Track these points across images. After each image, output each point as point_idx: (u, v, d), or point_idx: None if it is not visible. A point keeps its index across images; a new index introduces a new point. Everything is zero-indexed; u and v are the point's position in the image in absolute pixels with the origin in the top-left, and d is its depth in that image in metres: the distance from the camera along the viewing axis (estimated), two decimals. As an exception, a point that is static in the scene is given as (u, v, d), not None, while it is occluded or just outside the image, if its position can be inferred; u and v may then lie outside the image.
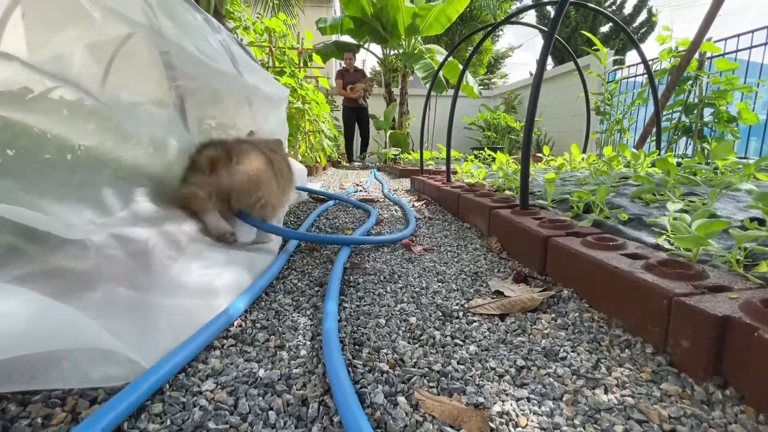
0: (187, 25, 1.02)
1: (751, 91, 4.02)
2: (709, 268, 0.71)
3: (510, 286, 0.89)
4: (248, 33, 4.02)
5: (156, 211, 0.88)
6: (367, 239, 1.12)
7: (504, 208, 1.33)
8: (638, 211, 1.10)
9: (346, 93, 6.35)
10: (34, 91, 0.59)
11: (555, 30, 1.21)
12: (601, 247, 0.84)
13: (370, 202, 2.08)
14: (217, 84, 1.17)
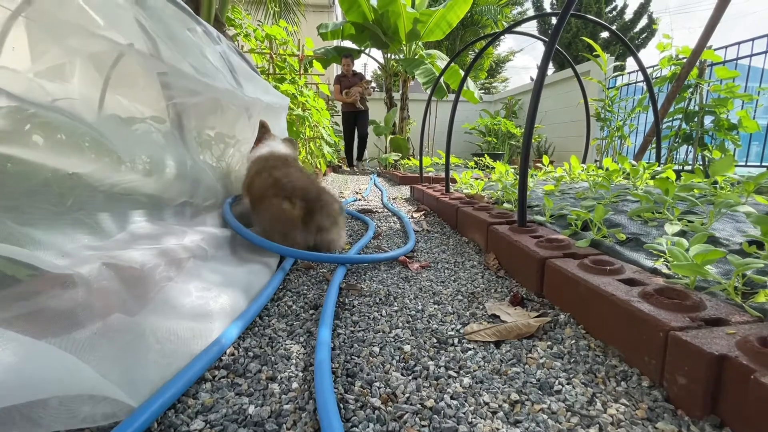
0: (185, 43, 1.02)
1: (751, 100, 4.02)
2: (706, 296, 0.70)
3: (506, 309, 0.89)
4: (249, 40, 4.03)
5: (155, 228, 0.87)
6: (363, 258, 1.12)
7: (502, 224, 1.32)
8: (636, 230, 1.10)
9: (342, 98, 6.32)
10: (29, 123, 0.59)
11: (555, 40, 1.21)
12: (598, 271, 0.83)
13: (368, 213, 2.08)
14: (215, 101, 1.17)
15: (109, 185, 0.71)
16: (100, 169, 0.67)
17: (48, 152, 0.57)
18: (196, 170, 1.12)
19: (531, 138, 1.13)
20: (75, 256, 0.56)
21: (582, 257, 0.96)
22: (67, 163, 0.61)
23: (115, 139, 0.69)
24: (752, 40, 4.39)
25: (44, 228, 0.58)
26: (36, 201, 0.59)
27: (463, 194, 2.15)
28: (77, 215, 0.64)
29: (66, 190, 0.62)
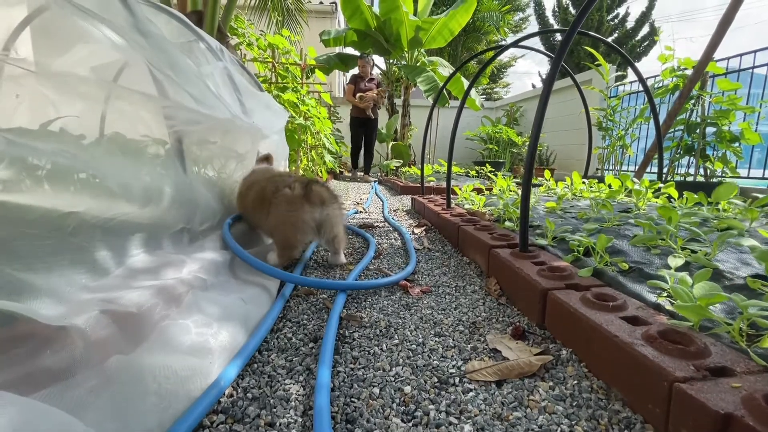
0: (186, 72, 1.02)
1: (753, 112, 4.02)
2: (710, 340, 0.69)
3: (508, 342, 0.88)
4: (252, 49, 4.05)
5: (153, 260, 0.87)
6: (364, 284, 1.11)
7: (503, 247, 1.31)
8: (639, 258, 1.09)
9: (355, 101, 6.01)
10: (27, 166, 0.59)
11: (561, 58, 1.21)
12: (601, 307, 0.82)
13: (369, 229, 2.07)
14: (215, 130, 1.17)
15: (106, 219, 0.71)
16: (97, 206, 0.67)
17: (44, 194, 0.57)
18: (194, 195, 1.12)
19: (533, 163, 1.12)
20: (72, 302, 0.56)
21: (584, 289, 0.95)
22: (64, 202, 0.60)
23: (113, 175, 0.69)
24: (754, 52, 4.39)
25: (42, 271, 0.57)
26: (34, 244, 0.58)
27: (464, 210, 2.14)
28: (75, 255, 0.64)
29: (64, 229, 0.62)
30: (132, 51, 0.73)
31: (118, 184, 0.70)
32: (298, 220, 1.17)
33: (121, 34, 0.72)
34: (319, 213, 1.20)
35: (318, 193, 1.22)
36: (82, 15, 0.63)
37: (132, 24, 0.95)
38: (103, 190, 0.66)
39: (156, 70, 0.80)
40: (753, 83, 4.42)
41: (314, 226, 1.21)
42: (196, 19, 2.83)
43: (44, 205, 0.57)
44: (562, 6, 13.98)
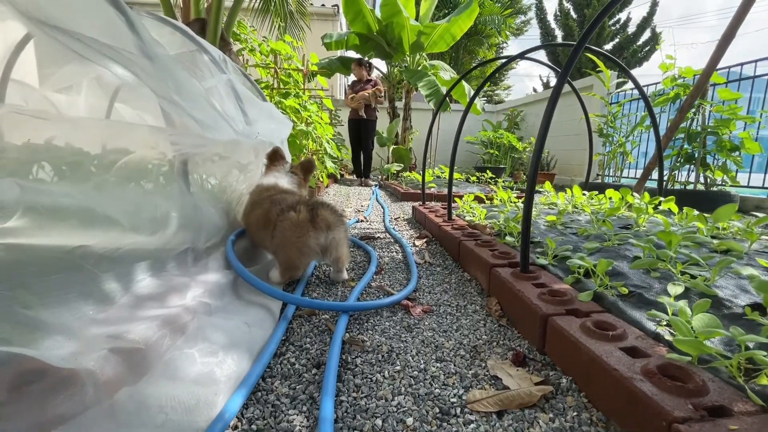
0: (191, 93, 1.03)
1: (754, 122, 4.04)
2: (708, 375, 0.70)
3: (508, 369, 0.89)
4: (254, 54, 4.06)
5: (157, 285, 0.88)
6: (366, 305, 1.12)
7: (504, 266, 1.32)
8: (639, 281, 1.10)
9: (349, 102, 6.10)
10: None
11: (568, 72, 1.21)
12: (600, 337, 0.83)
13: (370, 241, 2.08)
14: (219, 150, 1.18)
15: (114, 249, 0.72)
16: (105, 239, 0.68)
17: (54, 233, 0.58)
18: (199, 214, 1.13)
19: (534, 187, 1.13)
20: (81, 338, 0.57)
21: (585, 315, 0.96)
22: (72, 239, 0.61)
23: (120, 207, 0.70)
24: (755, 62, 4.41)
25: (52, 306, 0.58)
26: (43, 279, 0.59)
27: (465, 222, 2.15)
28: (83, 287, 0.65)
29: (72, 262, 0.63)
30: (141, 86, 0.74)
31: (126, 216, 0.71)
32: (304, 245, 1.18)
33: (129, 66, 0.73)
34: (324, 238, 1.21)
35: (324, 218, 1.21)
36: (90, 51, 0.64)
37: (139, 47, 0.96)
38: (111, 224, 0.67)
39: (163, 100, 0.81)
40: (755, 87, 4.43)
41: (319, 250, 1.22)
42: (200, 27, 2.85)
43: (54, 243, 0.58)
44: (564, 11, 14.03)
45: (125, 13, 0.98)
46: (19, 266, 0.54)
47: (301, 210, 1.19)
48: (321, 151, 4.57)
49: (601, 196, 2.40)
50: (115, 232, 0.69)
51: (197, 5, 2.80)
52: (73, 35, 0.61)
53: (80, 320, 0.61)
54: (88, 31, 0.81)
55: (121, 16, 0.96)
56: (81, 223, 0.60)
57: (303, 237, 1.17)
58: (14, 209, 0.48)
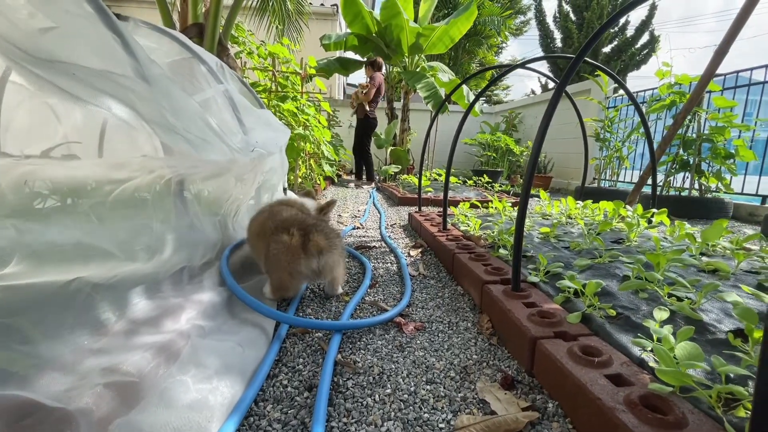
0: (188, 112, 1.04)
1: (748, 129, 4.07)
2: (689, 406, 0.72)
3: (497, 392, 0.91)
4: (252, 57, 4.06)
5: (152, 308, 0.89)
6: (358, 324, 1.13)
7: (496, 283, 1.34)
8: (627, 303, 1.12)
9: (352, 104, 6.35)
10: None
11: (566, 83, 1.22)
12: (586, 363, 0.85)
13: (366, 250, 2.10)
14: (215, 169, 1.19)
15: (109, 278, 0.73)
16: (101, 269, 0.69)
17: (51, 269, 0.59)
18: (195, 232, 1.14)
19: (525, 213, 1.15)
20: (76, 372, 0.58)
21: (572, 338, 0.98)
22: (68, 272, 0.63)
23: (117, 237, 0.71)
24: (750, 70, 4.44)
25: (47, 340, 0.60)
26: (39, 313, 0.60)
27: (460, 232, 2.17)
28: (77, 317, 0.66)
29: (68, 294, 0.64)
30: (137, 119, 0.75)
31: (122, 246, 0.72)
32: (294, 270, 1.19)
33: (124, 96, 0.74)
34: (317, 263, 1.21)
35: (316, 243, 1.20)
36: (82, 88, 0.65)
37: (134, 69, 0.96)
38: (107, 256, 0.69)
39: (159, 127, 0.81)
40: (750, 91, 4.45)
41: (310, 273, 1.23)
42: (197, 31, 2.84)
43: (49, 279, 0.59)
44: (563, 13, 14.03)
45: (121, 34, 0.98)
46: (15, 303, 0.55)
47: (294, 234, 1.19)
48: (319, 153, 4.58)
49: (595, 206, 2.43)
50: (111, 263, 0.70)
51: (195, 10, 2.79)
52: (66, 70, 0.62)
53: (75, 352, 0.62)
54: (83, 57, 0.82)
55: (116, 38, 0.97)
56: (77, 258, 0.61)
57: (293, 263, 1.18)
58: (11, 254, 0.49)
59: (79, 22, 0.90)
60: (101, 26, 0.95)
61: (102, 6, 0.98)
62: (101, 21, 0.96)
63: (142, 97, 0.85)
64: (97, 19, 0.95)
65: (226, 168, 1.23)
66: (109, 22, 0.97)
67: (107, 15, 0.98)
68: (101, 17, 0.96)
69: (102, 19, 0.96)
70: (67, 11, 0.86)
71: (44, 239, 0.55)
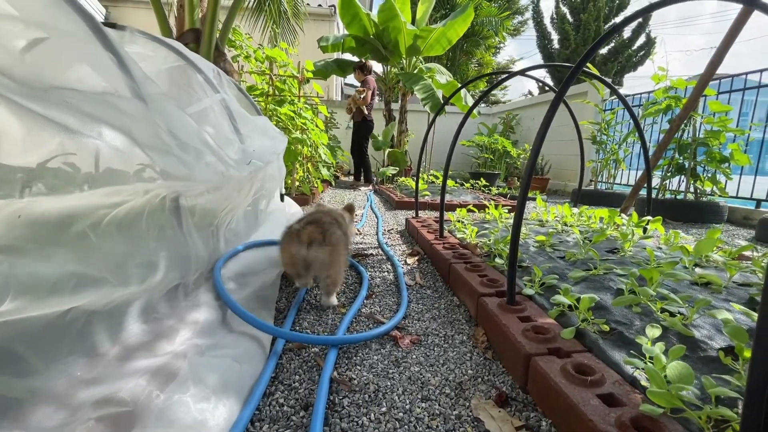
0: (184, 127, 1.04)
1: (743, 134, 4.10)
2: (679, 428, 0.73)
3: (491, 410, 0.92)
4: (249, 60, 4.05)
5: (148, 331, 0.89)
6: (354, 338, 1.14)
7: (492, 296, 1.35)
8: (621, 317, 1.13)
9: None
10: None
11: (564, 93, 1.23)
12: (579, 382, 0.86)
13: (363, 259, 2.11)
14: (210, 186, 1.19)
15: (105, 304, 0.73)
16: (96, 297, 0.69)
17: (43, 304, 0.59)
18: (190, 248, 1.14)
19: (519, 231, 1.15)
20: (70, 405, 0.58)
21: (566, 355, 0.99)
22: (61, 305, 0.63)
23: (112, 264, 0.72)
24: (745, 74, 4.48)
25: (41, 372, 0.60)
26: (33, 345, 0.61)
27: (456, 239, 2.18)
28: (72, 345, 0.66)
29: (62, 326, 0.64)
30: (132, 145, 0.76)
31: (117, 271, 0.72)
32: (286, 251, 1.37)
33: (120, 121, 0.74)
34: (305, 251, 1.32)
35: (308, 233, 1.33)
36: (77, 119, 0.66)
37: (131, 88, 0.97)
38: (102, 283, 0.69)
39: (157, 154, 0.81)
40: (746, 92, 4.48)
41: (300, 262, 1.34)
42: (194, 37, 2.84)
43: (44, 312, 0.60)
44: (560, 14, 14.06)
45: (117, 53, 0.99)
46: (9, 335, 0.56)
47: (300, 225, 1.38)
48: (316, 156, 4.58)
49: (591, 211, 2.45)
50: (106, 289, 0.70)
51: (192, 16, 2.79)
52: (59, 98, 0.62)
53: (69, 383, 0.63)
54: (79, 80, 0.82)
55: (113, 57, 0.97)
56: (71, 289, 0.61)
57: (288, 245, 1.35)
58: (6, 290, 0.50)
59: (75, 43, 0.90)
60: (98, 47, 0.95)
61: (98, 26, 0.98)
62: (98, 41, 0.96)
63: (137, 120, 0.85)
64: (94, 39, 0.95)
65: (223, 184, 1.24)
66: (105, 42, 0.97)
67: (103, 35, 0.98)
68: (98, 37, 0.96)
69: (99, 39, 0.96)
70: (63, 32, 0.87)
71: (38, 273, 0.55)
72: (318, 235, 1.33)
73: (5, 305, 0.50)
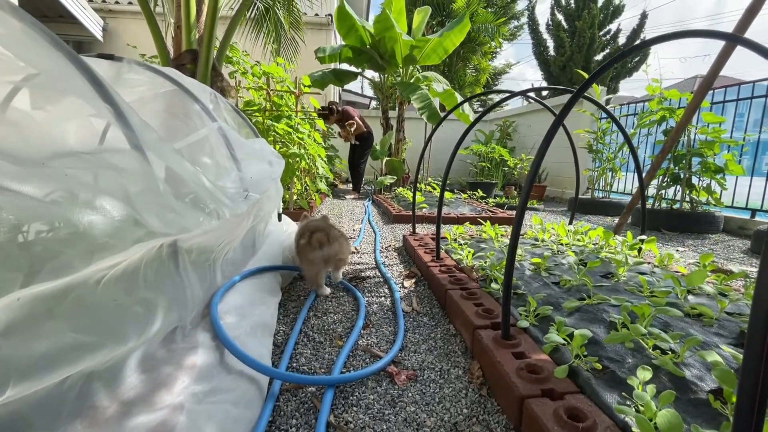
0: (185, 176, 1.06)
1: (737, 145, 4.14)
2: (668, 481, 0.75)
3: (485, 455, 0.93)
4: (247, 76, 4.08)
5: (146, 383, 0.90)
6: (351, 377, 1.15)
7: (487, 328, 1.37)
8: (613, 354, 1.15)
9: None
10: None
11: (563, 118, 1.24)
12: (571, 428, 0.87)
13: (360, 282, 2.12)
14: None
15: (102, 364, 0.74)
16: (93, 363, 0.70)
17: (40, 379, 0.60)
18: (187, 289, 1.15)
19: (515, 255, 1.17)
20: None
21: (559, 396, 1.01)
22: (60, 375, 0.64)
23: (107, 328, 0.73)
24: (738, 85, 4.52)
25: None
26: (37, 408, 0.62)
27: (453, 261, 2.20)
28: (71, 408, 0.68)
29: (62, 393, 0.66)
30: (129, 207, 0.77)
31: (114, 332, 0.73)
32: (306, 260, 1.82)
33: (118, 190, 0.76)
34: (320, 252, 1.79)
35: (317, 239, 1.79)
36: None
37: (128, 138, 0.98)
38: (99, 346, 0.70)
39: (154, 217, 0.83)
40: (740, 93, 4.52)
41: (319, 261, 1.80)
42: (191, 58, 2.86)
43: (44, 386, 0.61)
44: (556, 22, 14.17)
45: (115, 104, 1.00)
46: (14, 412, 0.57)
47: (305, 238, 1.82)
48: (314, 170, 4.60)
49: (587, 227, 2.46)
50: (104, 351, 0.71)
51: (189, 37, 2.81)
52: (55, 173, 0.64)
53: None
54: (77, 138, 0.84)
55: (110, 108, 0.99)
56: (68, 360, 0.63)
57: (306, 254, 1.81)
58: (6, 378, 0.51)
59: (74, 99, 0.92)
60: (96, 98, 0.97)
61: (97, 78, 0.99)
62: (96, 93, 0.98)
63: (135, 175, 0.87)
64: (92, 91, 0.97)
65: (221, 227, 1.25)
66: (103, 94, 0.99)
67: (102, 87, 0.99)
68: (96, 90, 0.98)
69: (97, 92, 0.98)
70: (62, 90, 0.88)
71: (36, 353, 0.56)
72: (324, 237, 1.80)
73: (7, 393, 0.51)
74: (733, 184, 4.42)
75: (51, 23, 8.60)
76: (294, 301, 1.83)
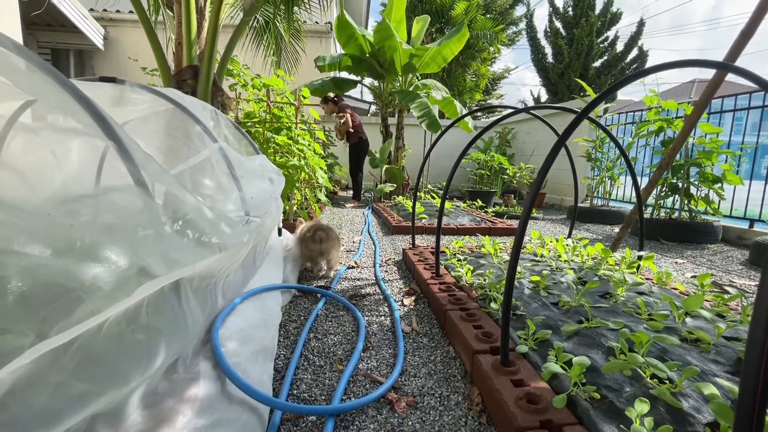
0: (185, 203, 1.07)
1: (735, 156, 4.16)
2: None
3: (485, 489, 0.93)
4: (247, 88, 4.11)
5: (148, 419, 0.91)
6: (350, 406, 1.16)
7: (486, 353, 1.38)
8: (611, 382, 1.16)
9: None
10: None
11: (567, 137, 1.25)
12: (570, 465, 0.88)
13: (359, 300, 2.13)
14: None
15: (105, 405, 0.75)
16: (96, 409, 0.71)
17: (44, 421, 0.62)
18: (187, 320, 1.16)
19: (520, 247, 1.18)
20: None
21: (557, 429, 1.02)
22: (66, 424, 0.65)
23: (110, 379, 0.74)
24: (735, 96, 4.55)
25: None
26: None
27: (453, 278, 2.21)
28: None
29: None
30: (133, 256, 0.79)
31: (117, 377, 0.74)
32: (307, 250, 2.36)
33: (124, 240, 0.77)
34: (319, 246, 2.33)
35: (318, 236, 2.33)
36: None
37: (132, 174, 1.00)
38: (102, 392, 0.71)
39: (160, 257, 0.84)
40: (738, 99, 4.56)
41: (316, 253, 2.34)
42: (192, 74, 2.88)
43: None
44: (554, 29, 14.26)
45: (119, 141, 1.02)
46: None
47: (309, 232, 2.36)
48: (314, 179, 4.62)
49: (585, 241, 2.48)
50: (107, 396, 0.72)
51: (189, 53, 2.84)
52: (65, 226, 0.65)
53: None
54: (81, 183, 0.85)
55: (114, 144, 1.00)
56: (72, 411, 0.63)
57: (308, 245, 2.34)
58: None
59: (78, 137, 0.93)
60: (100, 134, 0.98)
61: (101, 114, 1.00)
62: (100, 129, 0.99)
63: (137, 214, 0.88)
64: (96, 128, 0.98)
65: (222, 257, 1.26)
66: (108, 130, 1.00)
67: (105, 123, 1.01)
68: (100, 126, 0.99)
69: (101, 127, 0.99)
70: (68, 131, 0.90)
71: (42, 411, 0.57)
72: (324, 235, 2.34)
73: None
74: (732, 189, 4.44)
75: (53, 32, 8.66)
76: (294, 321, 1.84)
